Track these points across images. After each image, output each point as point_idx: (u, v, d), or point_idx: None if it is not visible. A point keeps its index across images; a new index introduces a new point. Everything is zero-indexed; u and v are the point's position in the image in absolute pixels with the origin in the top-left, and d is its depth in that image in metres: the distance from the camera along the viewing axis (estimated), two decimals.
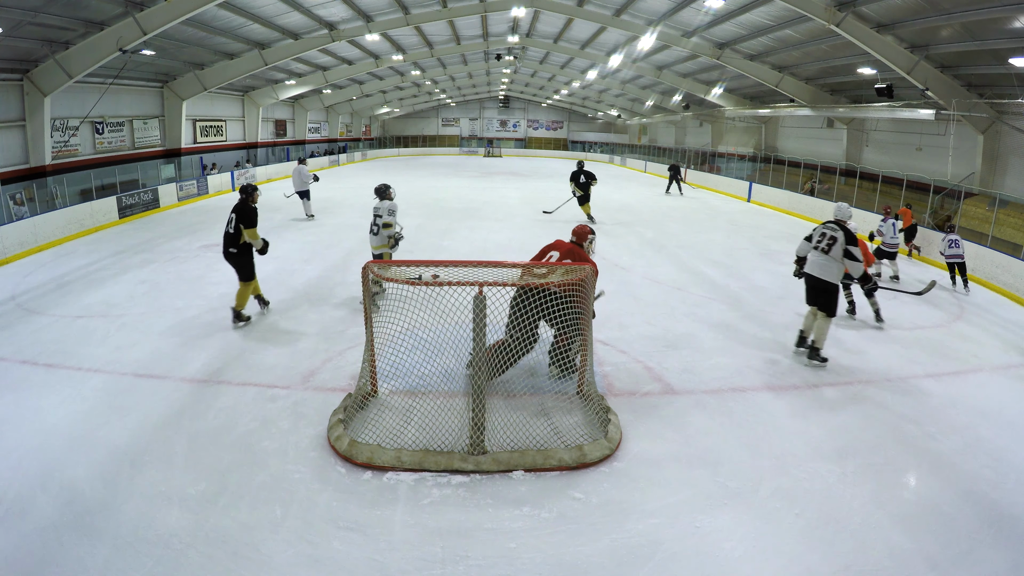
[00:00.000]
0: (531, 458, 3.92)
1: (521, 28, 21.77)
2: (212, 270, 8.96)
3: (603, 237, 11.95)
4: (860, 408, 4.95)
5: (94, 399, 4.76)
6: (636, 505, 3.58)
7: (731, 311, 7.45)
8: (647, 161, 32.05)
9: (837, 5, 11.83)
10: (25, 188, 11.77)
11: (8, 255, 9.68)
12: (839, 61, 15.23)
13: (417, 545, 3.22)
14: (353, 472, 3.84)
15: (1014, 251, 9.32)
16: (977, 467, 4.09)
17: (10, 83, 12.51)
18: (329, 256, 10.00)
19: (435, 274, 4.81)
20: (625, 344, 6.18)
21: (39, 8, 10.56)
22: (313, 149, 30.43)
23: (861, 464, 4.08)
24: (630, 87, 29.38)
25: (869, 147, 18.03)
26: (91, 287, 8.03)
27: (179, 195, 16.53)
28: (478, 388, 3.95)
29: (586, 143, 44.12)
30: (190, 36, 14.98)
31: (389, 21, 17.97)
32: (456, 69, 30.68)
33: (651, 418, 4.65)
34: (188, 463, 3.90)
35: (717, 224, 14.39)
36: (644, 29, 16.16)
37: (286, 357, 5.65)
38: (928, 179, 13.43)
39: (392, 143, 41.59)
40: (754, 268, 9.85)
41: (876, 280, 6.61)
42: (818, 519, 3.49)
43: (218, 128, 22.50)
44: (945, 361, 6.09)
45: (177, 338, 6.11)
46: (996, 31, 10.36)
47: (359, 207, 15.71)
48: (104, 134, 16.23)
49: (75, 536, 3.20)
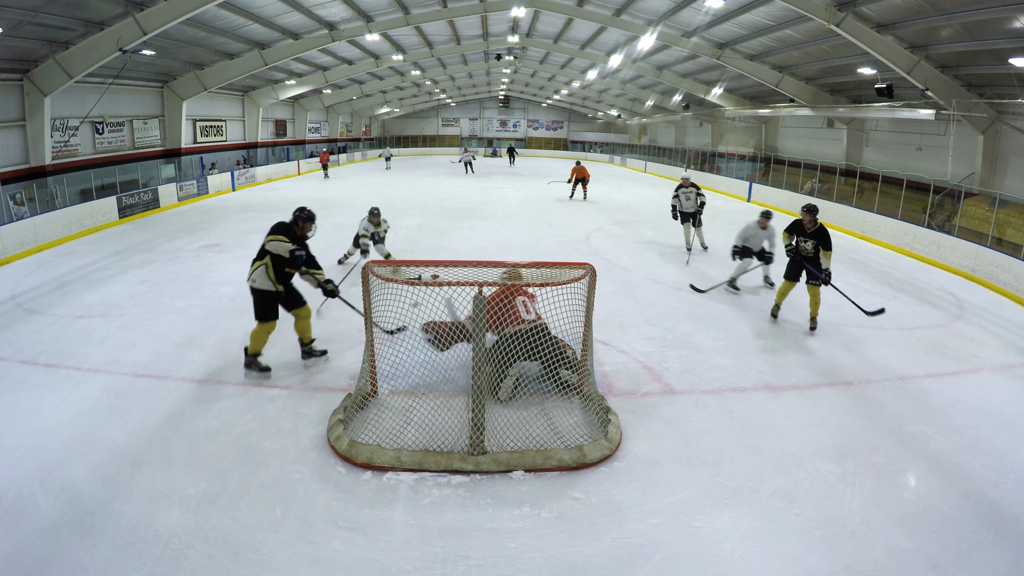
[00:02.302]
0: (531, 458, 3.92)
1: (521, 28, 21.76)
2: (212, 270, 8.96)
3: (603, 237, 11.96)
4: (860, 408, 4.95)
5: (94, 399, 4.77)
6: (636, 505, 3.58)
7: (731, 311, 7.45)
8: (647, 161, 32.03)
9: (837, 5, 11.82)
10: (25, 188, 11.78)
11: (8, 255, 9.68)
12: (839, 61, 15.22)
13: (417, 545, 3.22)
14: (353, 472, 3.84)
15: (1014, 251, 9.31)
16: (977, 467, 4.09)
17: (10, 83, 12.51)
18: (329, 256, 9.99)
19: (435, 274, 4.82)
20: (625, 344, 6.17)
21: (39, 8, 10.56)
22: (313, 149, 30.44)
23: (861, 464, 4.08)
24: (630, 87, 29.36)
25: (869, 147, 18.01)
26: (91, 287, 8.03)
27: (179, 195, 16.54)
28: (478, 388, 3.95)
29: (586, 143, 44.08)
30: (190, 36, 14.98)
31: (389, 21, 17.96)
32: (456, 69, 30.67)
33: (651, 418, 4.65)
34: (188, 463, 3.90)
35: (717, 224, 14.37)
36: (644, 29, 16.15)
37: (286, 357, 5.64)
38: (928, 179, 13.42)
39: (392, 143, 41.58)
40: (754, 268, 9.82)
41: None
42: (818, 519, 3.49)
43: (218, 128, 22.49)
44: (945, 361, 6.09)
45: (177, 338, 6.11)
46: (996, 31, 10.35)
47: (359, 207, 15.69)
48: (104, 134, 16.22)
49: (75, 536, 3.20)
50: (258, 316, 5.10)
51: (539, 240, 11.62)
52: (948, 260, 10.43)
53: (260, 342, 5.17)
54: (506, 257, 9.43)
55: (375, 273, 4.38)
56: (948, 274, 10.11)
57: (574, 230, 12.75)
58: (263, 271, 5.05)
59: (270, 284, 5.05)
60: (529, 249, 10.71)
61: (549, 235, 12.13)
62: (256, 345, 5.18)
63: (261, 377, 5.11)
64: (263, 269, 5.04)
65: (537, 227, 13.13)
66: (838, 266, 10.31)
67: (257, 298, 5.08)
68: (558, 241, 11.49)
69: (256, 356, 5.22)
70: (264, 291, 5.06)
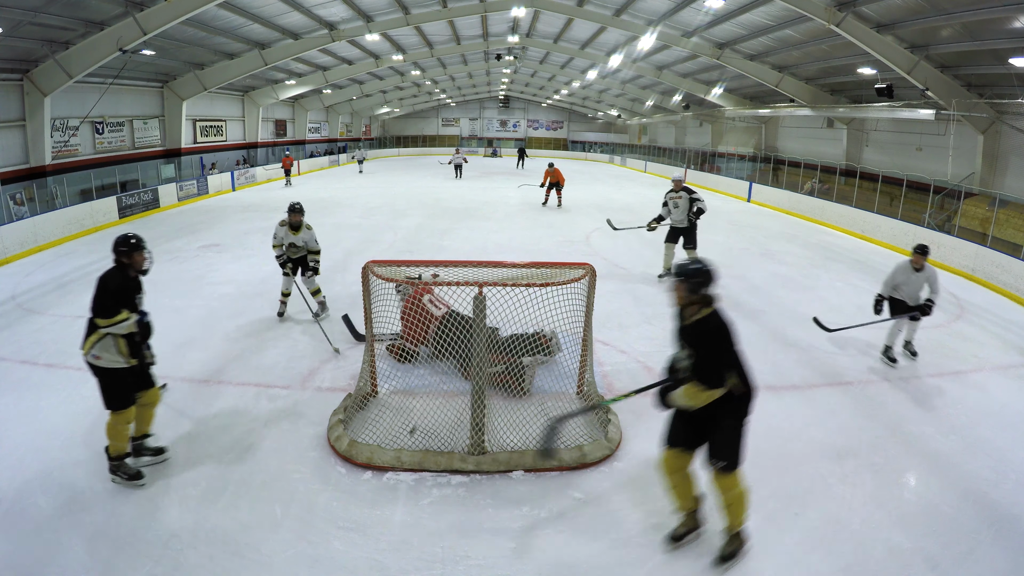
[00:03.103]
0: (531, 458, 3.92)
1: (521, 28, 21.75)
2: (212, 270, 8.96)
3: (604, 237, 11.95)
4: (860, 408, 4.95)
5: (94, 399, 4.73)
6: (636, 505, 3.58)
7: (731, 311, 7.40)
8: (647, 161, 32.04)
9: (837, 5, 11.82)
10: (25, 188, 11.77)
11: (8, 255, 9.68)
12: (839, 61, 15.22)
13: (417, 545, 3.22)
14: (353, 472, 3.84)
15: (1014, 251, 9.31)
16: (977, 467, 4.09)
17: (10, 83, 12.51)
18: (329, 256, 9.98)
19: (435, 273, 4.83)
20: (625, 344, 6.17)
21: (39, 8, 10.56)
22: (313, 149, 30.44)
23: (861, 464, 4.08)
24: (630, 87, 29.36)
25: (869, 147, 18.01)
26: (91, 287, 7.95)
27: (179, 195, 16.54)
28: (478, 388, 3.95)
29: (586, 143, 44.08)
30: (190, 36, 14.98)
31: (389, 21, 17.96)
32: (456, 69, 30.67)
33: (651, 418, 4.63)
34: (188, 463, 3.90)
35: (717, 224, 14.38)
36: (644, 29, 16.15)
37: (286, 357, 5.65)
38: (928, 179, 13.42)
39: (392, 143, 41.58)
40: (754, 268, 9.84)
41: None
42: (818, 519, 3.49)
43: (218, 128, 22.49)
44: (945, 361, 6.08)
45: (177, 338, 6.10)
46: (996, 31, 10.35)
47: (359, 207, 15.72)
48: (104, 134, 16.22)
49: (75, 536, 3.20)
50: (109, 404, 3.66)
51: (539, 240, 11.63)
52: (948, 260, 10.43)
53: (122, 437, 3.70)
54: (506, 257, 9.43)
55: (375, 273, 4.38)
56: (948, 274, 10.11)
57: (574, 230, 12.75)
58: (110, 343, 3.61)
59: (121, 360, 3.63)
60: (529, 249, 10.71)
61: (549, 235, 12.13)
62: (119, 442, 3.69)
63: (132, 485, 3.65)
64: (110, 340, 3.60)
65: (537, 227, 13.13)
66: (838, 266, 10.34)
67: (105, 380, 3.64)
68: (558, 241, 11.49)
69: (122, 458, 3.71)
70: (114, 370, 3.63)
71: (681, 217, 8.34)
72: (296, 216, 6.30)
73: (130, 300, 3.71)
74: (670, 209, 8.40)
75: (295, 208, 6.32)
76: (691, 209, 8.24)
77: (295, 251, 6.52)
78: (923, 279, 5.76)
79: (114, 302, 3.62)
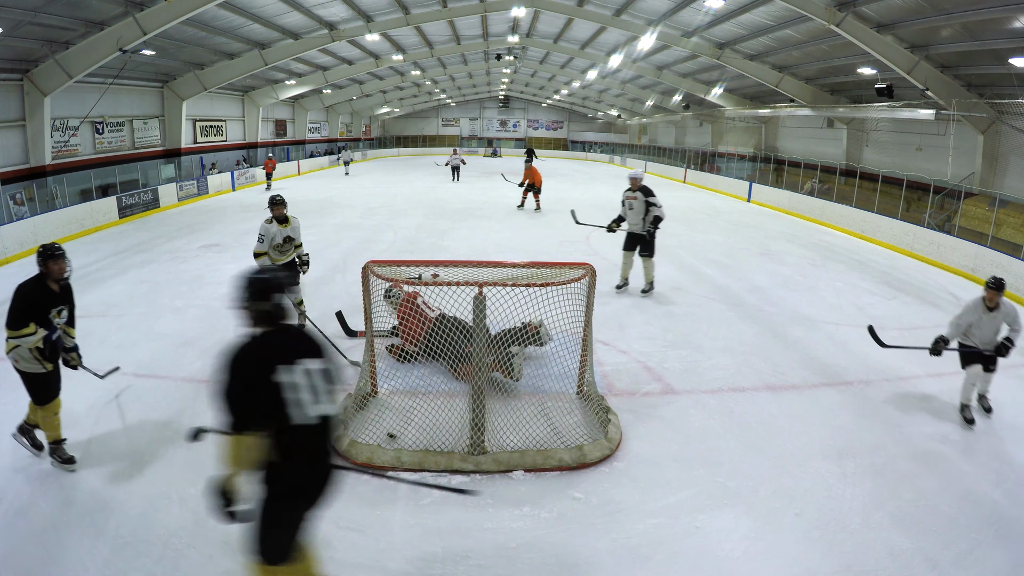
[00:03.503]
0: (531, 458, 3.92)
1: (521, 28, 21.75)
2: (212, 270, 8.96)
3: (603, 237, 11.94)
4: (860, 408, 4.95)
5: (94, 399, 4.76)
6: (636, 505, 3.58)
7: (731, 311, 7.44)
8: (647, 161, 32.03)
9: (837, 5, 11.82)
10: (25, 188, 11.77)
11: (8, 255, 9.69)
12: (839, 61, 15.22)
13: (417, 545, 3.22)
14: (353, 472, 3.83)
15: (1014, 251, 9.31)
16: (977, 467, 4.09)
17: (10, 83, 12.50)
18: (328, 256, 9.99)
19: (435, 273, 4.83)
20: (625, 344, 6.17)
21: (39, 8, 10.55)
22: (313, 149, 30.44)
23: (861, 464, 4.08)
24: (630, 87, 29.36)
25: (869, 147, 18.01)
26: (91, 287, 8.03)
27: (179, 195, 16.54)
28: (478, 388, 3.95)
29: (586, 143, 44.09)
30: (190, 36, 14.97)
31: (389, 21, 17.96)
32: (456, 69, 30.67)
33: (651, 418, 4.65)
34: (188, 463, 3.89)
35: (717, 224, 14.38)
36: (644, 29, 16.14)
37: None
38: (928, 179, 13.42)
39: (392, 143, 41.58)
40: (754, 268, 9.84)
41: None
42: (818, 519, 3.49)
43: (218, 128, 22.49)
44: (945, 361, 6.07)
45: (177, 338, 6.10)
46: (996, 31, 10.35)
47: (359, 207, 15.72)
48: (104, 134, 16.22)
49: (75, 536, 3.20)
50: (34, 400, 3.84)
51: (539, 240, 11.63)
52: (948, 260, 10.43)
53: (54, 426, 3.86)
54: (506, 257, 9.43)
55: (375, 273, 4.38)
56: (948, 274, 10.12)
57: (574, 230, 12.72)
58: (24, 351, 3.66)
59: (38, 365, 3.73)
60: (529, 249, 10.72)
61: (549, 235, 12.13)
62: (52, 430, 3.87)
63: (65, 468, 3.81)
64: (24, 348, 3.65)
65: (537, 227, 13.13)
66: (839, 266, 10.33)
67: (26, 381, 3.79)
68: (558, 241, 11.49)
69: (59, 443, 3.88)
70: (32, 374, 3.75)
71: (637, 221, 7.56)
72: (280, 209, 6.00)
73: (42, 313, 3.69)
74: (626, 211, 7.70)
75: (276, 200, 6.03)
76: (646, 214, 7.46)
77: (284, 253, 6.08)
78: (999, 320, 4.72)
79: (23, 314, 3.59)
